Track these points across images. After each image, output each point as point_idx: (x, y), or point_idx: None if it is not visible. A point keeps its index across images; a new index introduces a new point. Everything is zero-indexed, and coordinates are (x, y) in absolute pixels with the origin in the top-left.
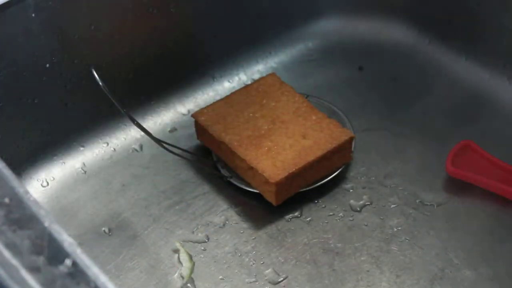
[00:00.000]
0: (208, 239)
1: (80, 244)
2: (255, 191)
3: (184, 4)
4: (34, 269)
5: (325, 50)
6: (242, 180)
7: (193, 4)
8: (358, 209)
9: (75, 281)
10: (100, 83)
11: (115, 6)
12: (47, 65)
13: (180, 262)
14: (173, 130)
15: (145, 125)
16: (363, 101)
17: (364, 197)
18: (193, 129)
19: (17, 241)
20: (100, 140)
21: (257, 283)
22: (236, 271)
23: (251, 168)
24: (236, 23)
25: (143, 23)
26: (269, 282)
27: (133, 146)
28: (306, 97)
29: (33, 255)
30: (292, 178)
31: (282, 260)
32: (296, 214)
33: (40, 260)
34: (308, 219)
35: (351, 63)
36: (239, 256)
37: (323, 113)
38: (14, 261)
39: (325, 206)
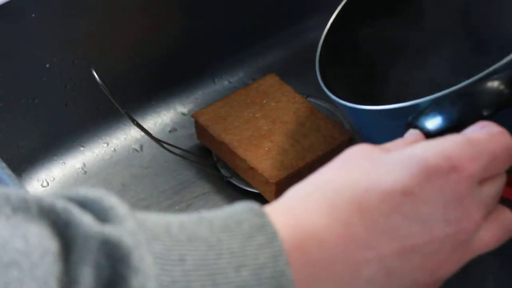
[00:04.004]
0: None
1: None
2: (255, 191)
3: (184, 4)
4: None
5: None
6: (242, 180)
7: (193, 4)
8: None
9: None
10: (100, 83)
11: (115, 6)
12: (47, 65)
13: None
14: (173, 130)
15: (145, 125)
16: None
17: None
18: (193, 129)
19: None
20: (100, 140)
21: None
22: None
23: (251, 168)
24: (236, 23)
25: (143, 23)
26: None
27: (133, 146)
28: (306, 97)
29: None
30: (292, 178)
31: None
32: None
33: None
34: None
35: None
36: None
37: (322, 113)
38: None
39: None
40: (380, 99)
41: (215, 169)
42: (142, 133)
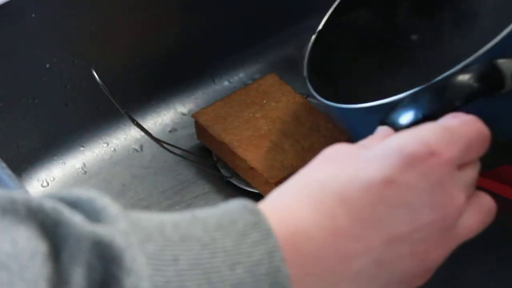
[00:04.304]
0: None
1: None
2: (255, 191)
3: (184, 4)
4: None
5: None
6: (242, 180)
7: (193, 4)
8: None
9: None
10: (100, 83)
11: (115, 6)
12: (47, 65)
13: None
14: (173, 130)
15: (145, 125)
16: None
17: None
18: (193, 129)
19: None
20: (100, 140)
21: None
22: None
23: (251, 168)
24: (236, 23)
25: (143, 23)
26: None
27: (133, 146)
28: (306, 97)
29: None
30: None
31: None
32: None
33: None
34: None
35: None
36: None
37: (322, 113)
38: None
39: None
40: (373, 98)
41: (215, 169)
42: (142, 133)
